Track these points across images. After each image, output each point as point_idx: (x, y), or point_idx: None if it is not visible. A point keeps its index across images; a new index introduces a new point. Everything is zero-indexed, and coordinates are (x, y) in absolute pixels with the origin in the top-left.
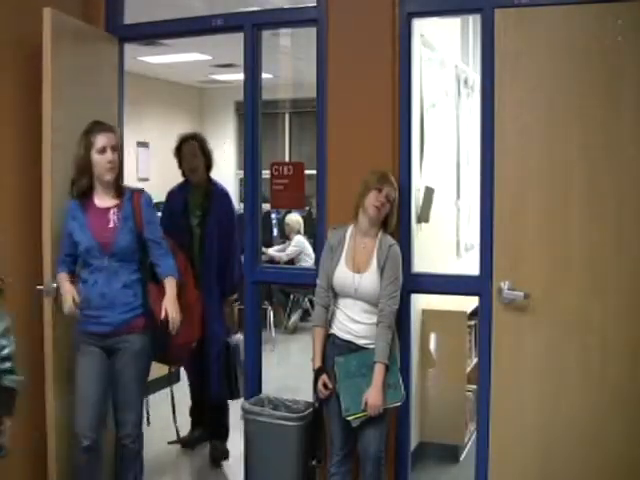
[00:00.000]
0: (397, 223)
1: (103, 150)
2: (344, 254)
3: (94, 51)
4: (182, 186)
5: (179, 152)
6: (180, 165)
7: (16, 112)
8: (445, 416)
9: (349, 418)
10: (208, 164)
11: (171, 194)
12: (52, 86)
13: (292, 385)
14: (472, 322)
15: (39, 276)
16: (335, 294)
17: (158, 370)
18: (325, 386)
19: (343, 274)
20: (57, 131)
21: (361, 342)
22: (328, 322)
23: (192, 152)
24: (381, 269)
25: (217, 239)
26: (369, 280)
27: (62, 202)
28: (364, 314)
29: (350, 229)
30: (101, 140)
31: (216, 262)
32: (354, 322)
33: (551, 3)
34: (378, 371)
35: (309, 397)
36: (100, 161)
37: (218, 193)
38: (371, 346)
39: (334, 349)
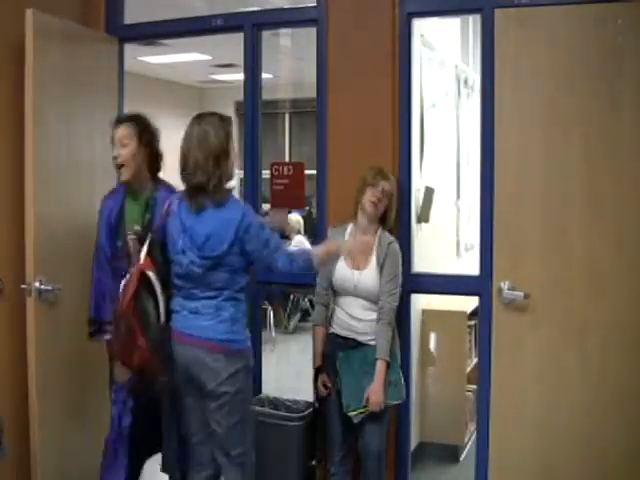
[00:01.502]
0: (397, 223)
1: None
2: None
3: (91, 51)
4: (118, 190)
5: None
6: None
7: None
8: (445, 416)
9: (350, 414)
10: (151, 161)
11: (104, 201)
12: (35, 86)
13: (292, 385)
14: (472, 322)
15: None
16: (335, 292)
17: None
18: (325, 386)
19: (343, 271)
20: (44, 130)
21: (362, 339)
22: (328, 321)
23: (120, 140)
24: (380, 266)
25: (164, 264)
26: (369, 277)
27: (46, 199)
28: (365, 311)
29: (350, 227)
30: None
31: None
32: (355, 320)
33: (551, 3)
34: (380, 367)
35: (309, 397)
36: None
37: (162, 201)
38: (372, 342)
39: (335, 347)
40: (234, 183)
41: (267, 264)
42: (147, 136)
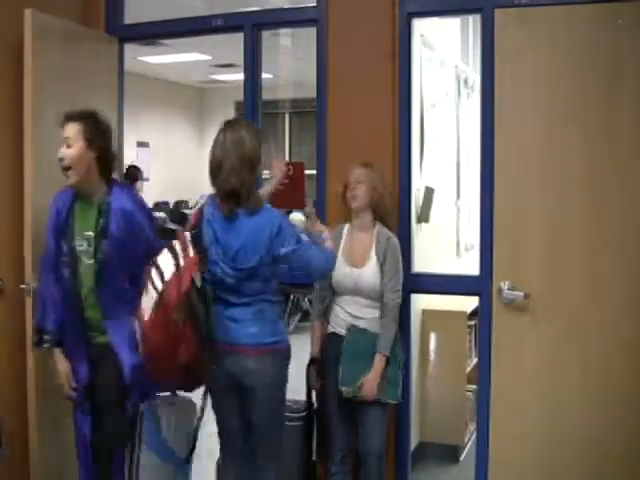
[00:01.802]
0: (397, 223)
1: None
2: (341, 250)
3: (91, 51)
4: (69, 191)
5: None
6: None
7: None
8: (445, 416)
9: (342, 388)
10: (102, 163)
11: (57, 196)
12: (35, 86)
13: (292, 385)
14: (472, 322)
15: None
16: (334, 291)
17: None
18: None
19: (341, 270)
20: (44, 129)
21: None
22: (327, 319)
23: (65, 139)
24: (381, 263)
25: (120, 274)
26: (368, 274)
27: (45, 199)
28: (365, 309)
29: (347, 227)
30: None
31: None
32: (355, 319)
33: (551, 3)
34: (378, 361)
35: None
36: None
37: (116, 204)
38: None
39: (334, 345)
40: None
41: (302, 265)
42: (98, 136)
